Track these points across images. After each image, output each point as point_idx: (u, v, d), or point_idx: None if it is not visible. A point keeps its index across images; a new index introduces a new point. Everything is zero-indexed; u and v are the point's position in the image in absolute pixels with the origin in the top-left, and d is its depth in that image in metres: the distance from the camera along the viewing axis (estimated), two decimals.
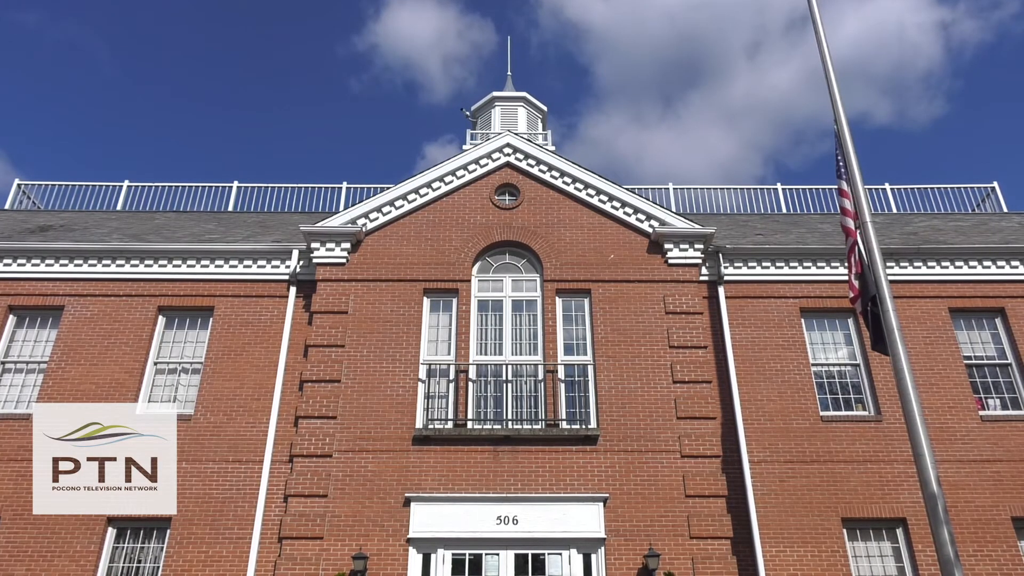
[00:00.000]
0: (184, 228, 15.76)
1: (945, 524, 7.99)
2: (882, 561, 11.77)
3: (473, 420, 12.44)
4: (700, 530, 11.49)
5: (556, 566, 11.45)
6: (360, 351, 12.86)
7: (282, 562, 11.25)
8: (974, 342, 13.49)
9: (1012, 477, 12.11)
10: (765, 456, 12.25)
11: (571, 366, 12.94)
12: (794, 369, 12.96)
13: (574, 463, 12.02)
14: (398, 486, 11.82)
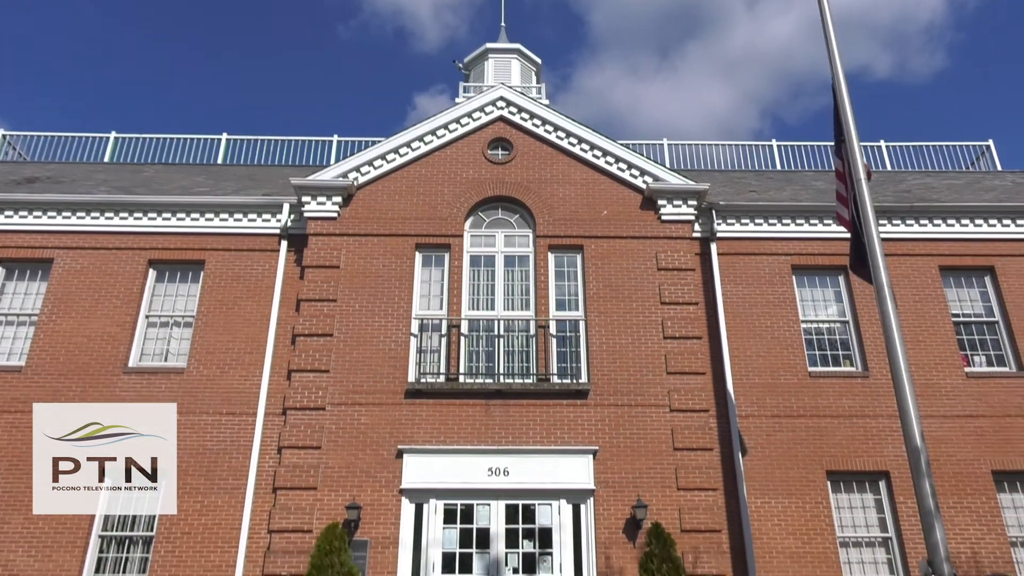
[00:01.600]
0: (173, 181, 15.61)
1: (927, 477, 8.17)
2: (864, 512, 12.05)
3: (465, 374, 12.54)
4: (687, 482, 11.71)
5: (546, 516, 11.68)
6: (352, 305, 12.88)
7: (277, 511, 11.43)
8: (962, 300, 13.62)
9: (994, 432, 12.35)
10: (753, 411, 12.43)
11: (563, 321, 13.01)
12: (784, 326, 13.08)
13: (564, 417, 12.17)
14: (391, 438, 11.96)
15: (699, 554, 11.19)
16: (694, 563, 11.03)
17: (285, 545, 11.20)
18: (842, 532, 11.83)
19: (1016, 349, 13.04)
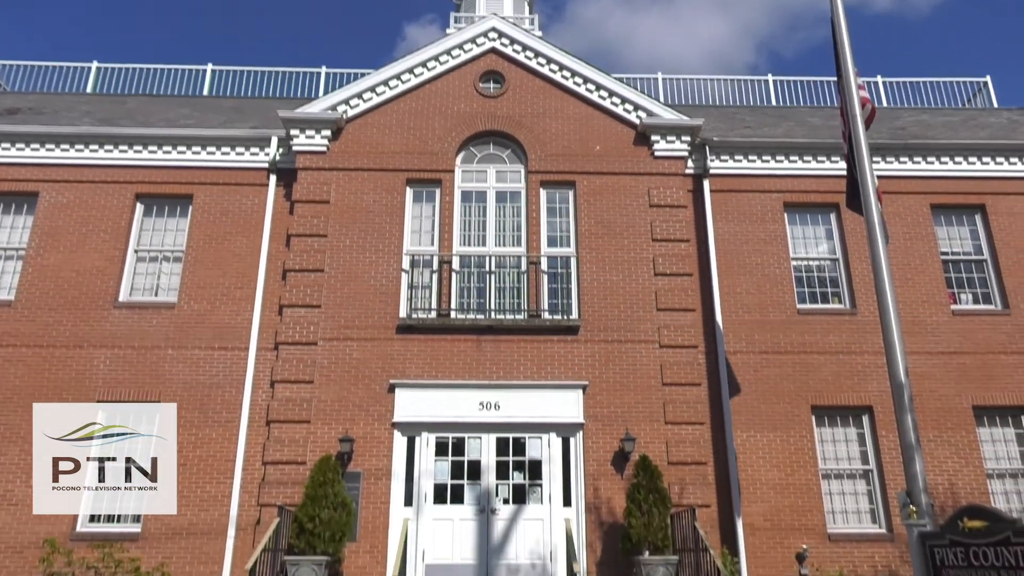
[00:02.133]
0: (157, 113, 15.29)
1: (909, 412, 8.36)
2: (847, 446, 12.34)
3: (456, 310, 12.59)
4: (675, 416, 11.92)
5: (536, 449, 11.91)
6: (343, 241, 12.81)
7: (271, 444, 11.61)
8: (952, 238, 13.66)
9: (976, 368, 12.57)
10: (741, 347, 12.58)
11: (554, 258, 13.00)
12: (774, 263, 13.12)
13: (555, 352, 12.29)
14: (383, 373, 12.07)
15: (685, 485, 11.48)
16: (680, 494, 11.33)
17: (280, 476, 11.42)
18: (825, 465, 12.14)
19: (1002, 287, 13.16)
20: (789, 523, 11.57)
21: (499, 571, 11.22)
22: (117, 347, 12.22)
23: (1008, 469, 12.27)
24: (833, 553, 11.42)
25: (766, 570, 11.27)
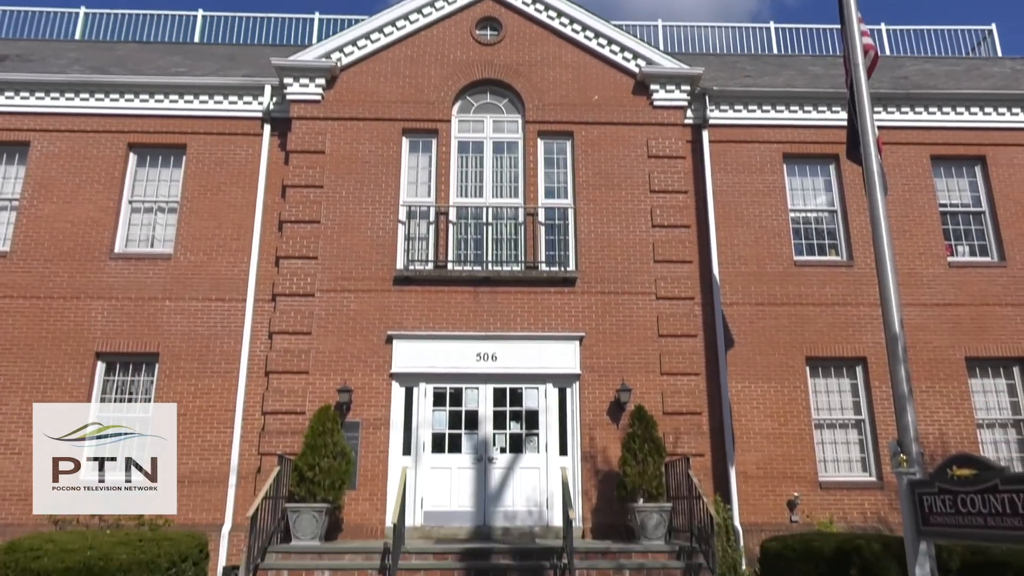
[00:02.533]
0: (148, 61, 15.01)
1: (903, 363, 8.42)
2: (840, 396, 12.49)
3: (453, 261, 12.57)
4: (671, 367, 12.02)
5: (533, 399, 12.04)
6: (339, 192, 12.72)
7: (270, 394, 11.71)
8: (951, 190, 13.60)
9: (971, 320, 12.64)
10: (738, 298, 12.62)
11: (551, 209, 12.94)
12: (772, 215, 13.08)
13: (552, 304, 12.32)
14: (380, 324, 12.11)
15: (680, 435, 11.64)
16: (674, 443, 11.49)
17: (279, 426, 11.54)
18: (818, 415, 12.30)
19: (1000, 239, 13.16)
20: (781, 471, 11.78)
21: (496, 518, 11.44)
22: (114, 298, 12.23)
23: (998, 419, 12.45)
24: (824, 500, 11.65)
25: (758, 517, 11.51)
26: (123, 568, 7.70)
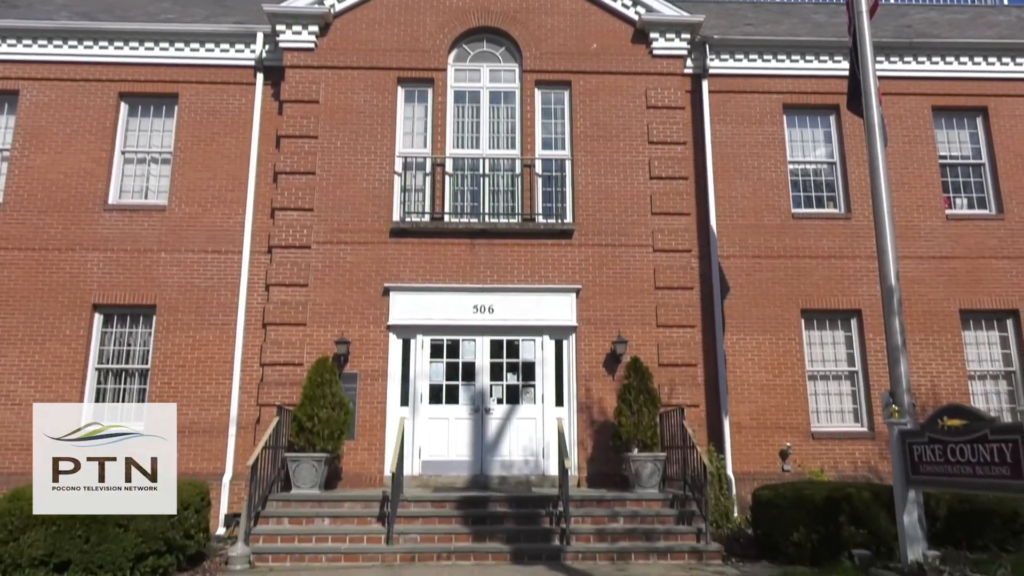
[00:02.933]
0: (136, 7, 14.65)
1: (897, 315, 8.49)
2: (834, 348, 12.58)
3: (450, 213, 12.51)
4: (667, 319, 12.07)
5: (529, 351, 12.11)
6: (334, 142, 12.58)
7: (267, 346, 11.76)
8: (951, 142, 13.50)
9: (966, 272, 12.68)
10: (735, 251, 12.61)
11: (549, 161, 12.82)
12: (771, 167, 12.99)
13: (549, 256, 12.31)
14: (377, 276, 12.11)
15: (675, 386, 11.75)
16: (669, 394, 11.61)
17: (278, 377, 11.62)
18: (812, 366, 12.41)
19: (998, 191, 13.12)
20: (774, 422, 11.93)
21: (493, 467, 11.61)
22: (109, 250, 12.18)
23: (990, 371, 12.58)
24: (815, 450, 11.84)
25: (750, 466, 11.70)
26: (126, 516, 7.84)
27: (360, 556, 8.86)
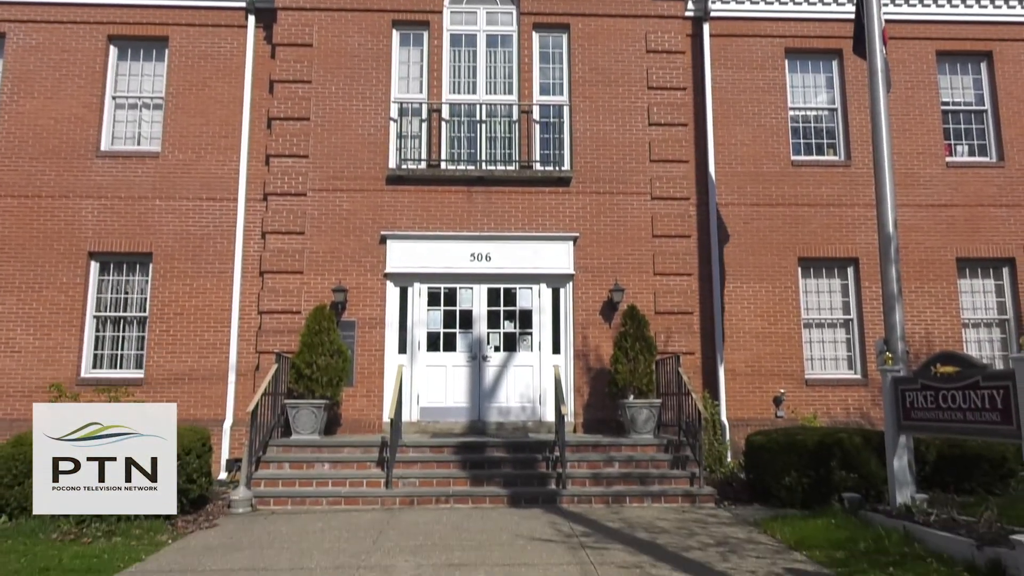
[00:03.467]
0: None
1: (894, 263, 8.51)
2: (830, 297, 12.63)
3: (447, 160, 12.39)
4: (664, 267, 12.08)
5: (526, 299, 12.15)
6: (328, 87, 12.38)
7: (265, 294, 11.77)
8: (954, 87, 13.32)
9: (964, 221, 12.66)
10: (733, 199, 12.55)
11: (547, 107, 12.65)
12: (771, 113, 12.84)
13: (546, 204, 12.24)
14: (373, 224, 12.06)
15: (671, 333, 11.82)
16: (665, 342, 11.69)
17: (276, 325, 11.67)
18: (807, 314, 12.47)
19: (1000, 138, 13.00)
20: (769, 369, 12.05)
21: (491, 413, 11.76)
22: (104, 197, 12.09)
23: (983, 319, 12.66)
24: (809, 397, 11.99)
25: (744, 412, 11.86)
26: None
27: (360, 500, 9.03)
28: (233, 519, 8.34)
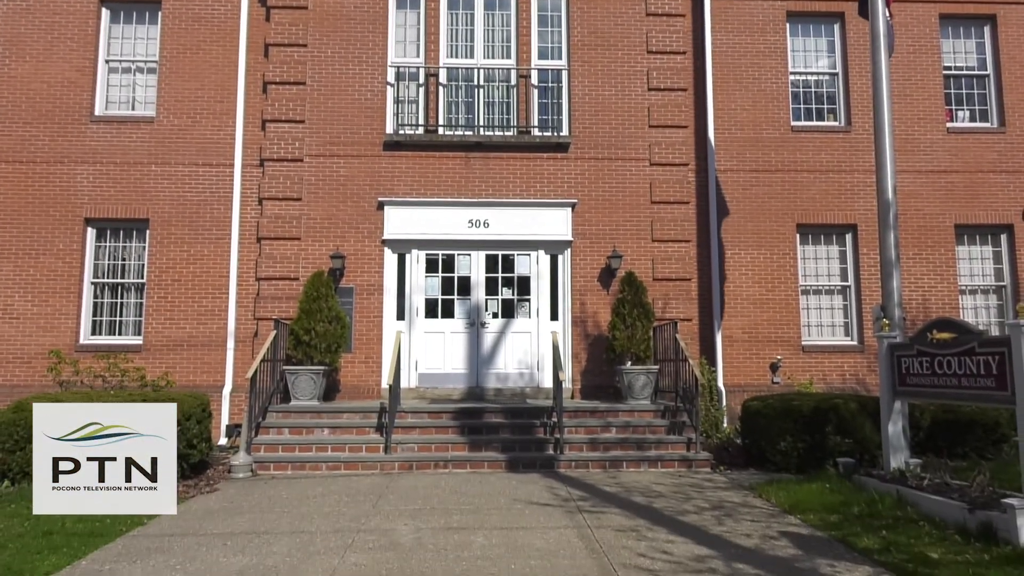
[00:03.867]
0: None
1: (893, 230, 8.50)
2: (828, 263, 12.63)
3: (444, 126, 12.28)
4: (662, 234, 12.06)
5: (524, 266, 12.14)
6: (324, 51, 12.22)
7: (263, 260, 11.75)
8: (957, 52, 13.18)
9: (964, 187, 12.61)
10: (732, 165, 12.49)
11: (545, 71, 12.51)
12: (771, 78, 12.71)
13: (545, 170, 12.17)
14: (371, 190, 11.99)
15: (668, 300, 11.85)
16: (663, 308, 11.72)
17: (274, 292, 11.67)
18: (805, 281, 12.48)
19: (1001, 104, 12.90)
20: (766, 335, 12.10)
21: (489, 380, 11.82)
22: (99, 163, 11.99)
23: (980, 285, 12.69)
24: (805, 363, 12.05)
25: (741, 378, 11.93)
26: None
27: (359, 465, 9.12)
28: (233, 484, 8.43)
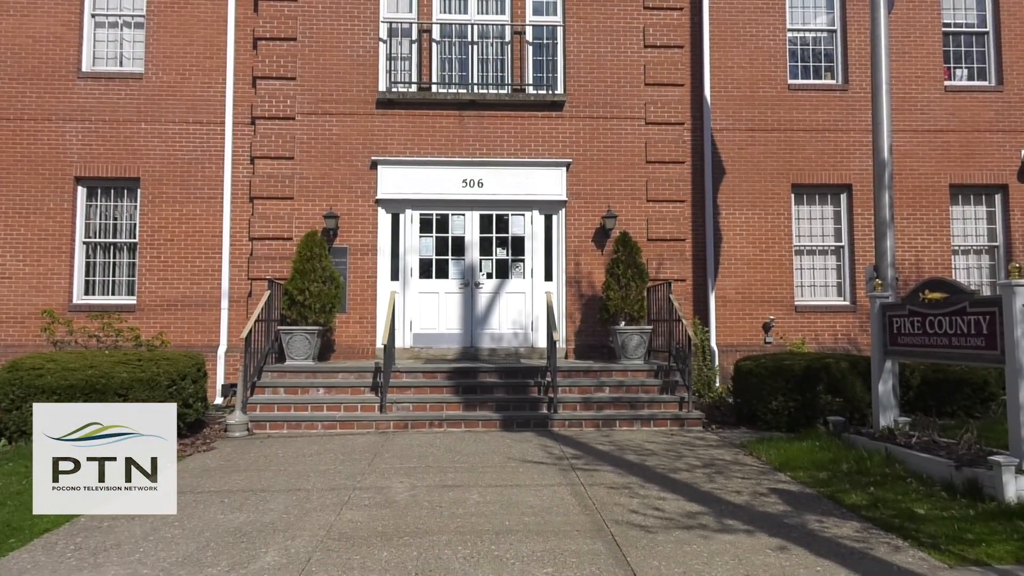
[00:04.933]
0: None
1: (888, 189, 8.48)
2: (822, 224, 12.63)
3: (438, 84, 12.13)
4: (657, 194, 12.01)
5: (519, 225, 12.10)
6: (315, 6, 11.98)
7: (256, 220, 11.68)
8: (956, 8, 13.00)
9: (960, 146, 12.56)
10: (728, 124, 12.39)
11: (540, 27, 12.31)
12: (769, 35, 12.54)
13: (539, 129, 12.06)
14: (364, 149, 11.88)
15: (663, 260, 11.85)
16: (657, 268, 11.73)
17: (267, 252, 11.62)
18: (799, 241, 12.49)
19: (1000, 62, 12.77)
20: (759, 296, 12.14)
21: (483, 340, 11.87)
22: (88, 121, 11.82)
23: (973, 245, 12.71)
24: (797, 323, 12.12)
25: (734, 338, 12.01)
26: (124, 385, 8.05)
27: (355, 424, 9.19)
28: (230, 442, 8.50)
